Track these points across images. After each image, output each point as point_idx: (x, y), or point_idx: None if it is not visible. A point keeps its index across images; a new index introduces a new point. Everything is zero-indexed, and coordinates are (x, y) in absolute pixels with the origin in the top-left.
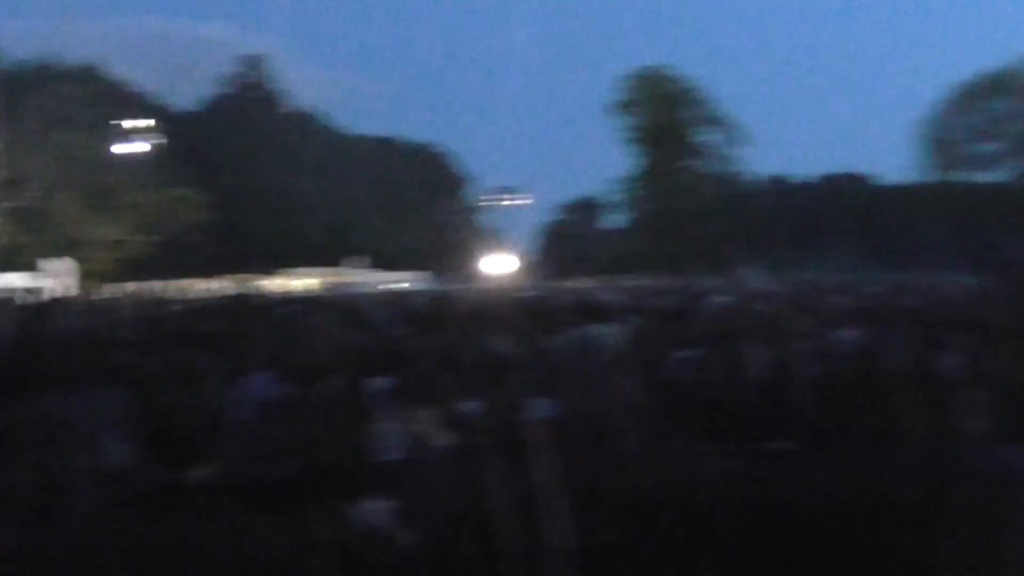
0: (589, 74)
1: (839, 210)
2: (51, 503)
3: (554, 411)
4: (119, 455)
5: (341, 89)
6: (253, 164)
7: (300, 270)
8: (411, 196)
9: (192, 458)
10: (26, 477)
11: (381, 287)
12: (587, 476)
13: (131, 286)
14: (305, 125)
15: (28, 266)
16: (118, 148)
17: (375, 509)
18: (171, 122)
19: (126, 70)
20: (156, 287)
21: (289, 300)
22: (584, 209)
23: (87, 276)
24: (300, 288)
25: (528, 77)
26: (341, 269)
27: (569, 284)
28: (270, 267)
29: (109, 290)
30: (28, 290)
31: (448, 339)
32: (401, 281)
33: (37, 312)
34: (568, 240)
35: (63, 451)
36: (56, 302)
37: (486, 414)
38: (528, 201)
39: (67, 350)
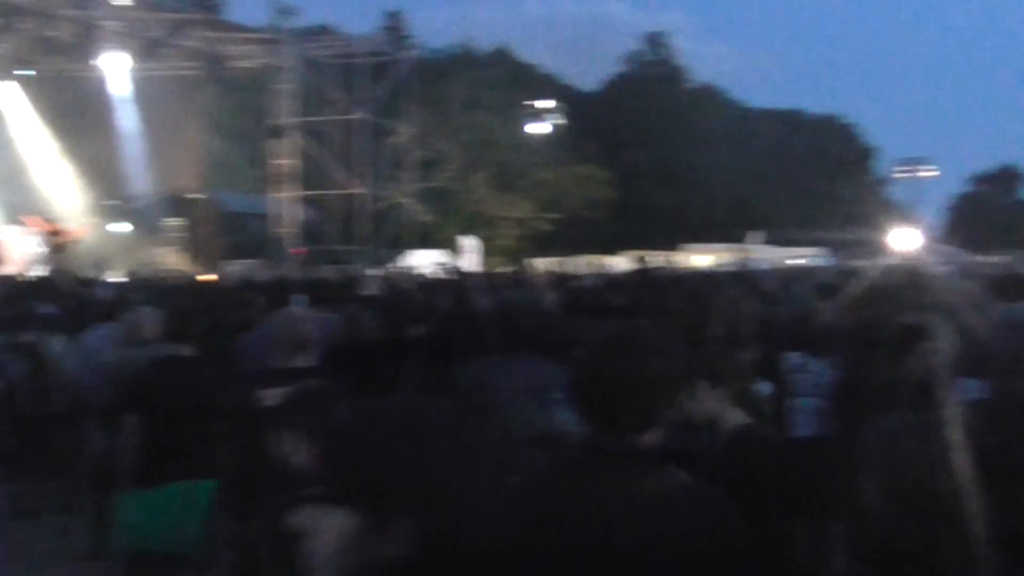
0: (1004, 36)
1: None
2: (502, 461)
3: (982, 392)
4: (558, 420)
5: (743, 63)
6: (655, 140)
7: (701, 245)
8: (815, 169)
9: (634, 424)
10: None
11: (786, 262)
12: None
13: (536, 262)
14: (708, 100)
15: (441, 243)
16: (527, 128)
17: None
18: (576, 101)
19: (534, 52)
20: (560, 263)
21: (696, 274)
22: (1000, 179)
23: (494, 253)
24: (702, 263)
25: (938, 42)
26: (742, 245)
27: (984, 259)
28: (671, 243)
29: (518, 266)
30: (444, 265)
31: (862, 314)
32: (804, 256)
33: (463, 285)
34: (982, 212)
35: (505, 415)
36: (478, 275)
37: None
38: (935, 172)
39: (494, 320)
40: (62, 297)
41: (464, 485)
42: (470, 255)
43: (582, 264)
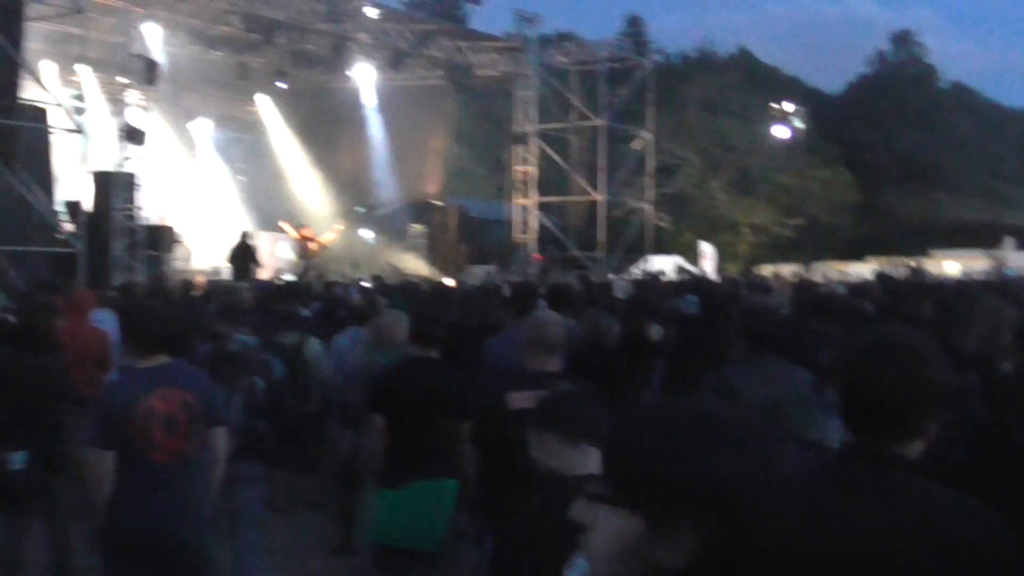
0: None
1: None
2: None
3: None
4: (813, 425)
5: (998, 61)
6: (902, 143)
7: (952, 251)
8: None
9: (901, 433)
10: None
11: None
12: None
13: (774, 268)
14: (959, 100)
15: (678, 249)
16: (769, 132)
17: None
18: (820, 104)
19: (777, 54)
20: (800, 269)
21: (948, 281)
22: None
23: (731, 259)
24: (952, 270)
25: None
26: (995, 251)
27: None
28: (919, 249)
29: (753, 271)
30: (683, 271)
31: None
32: None
33: (705, 290)
34: None
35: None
36: (719, 281)
37: None
38: None
39: (739, 325)
40: (315, 300)
41: (753, 493)
42: (707, 261)
43: (824, 270)
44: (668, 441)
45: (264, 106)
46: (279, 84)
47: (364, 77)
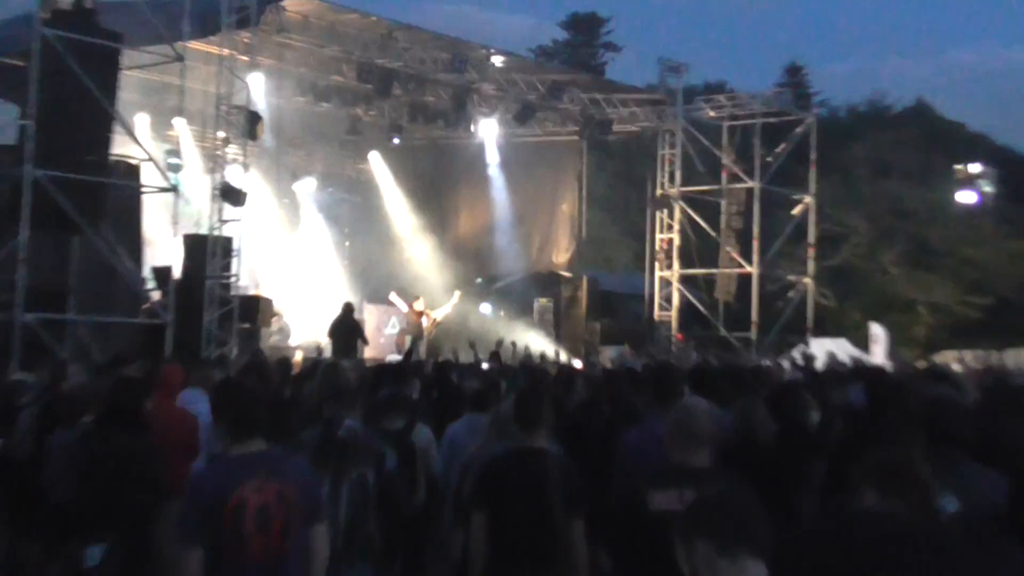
0: None
1: None
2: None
3: None
4: None
5: None
6: None
7: None
8: None
9: None
10: None
11: None
12: None
13: (958, 354)
14: None
15: (844, 330)
16: (952, 197)
17: None
18: (1013, 164)
19: (962, 108)
20: (989, 356)
21: None
22: None
23: (906, 343)
24: None
25: None
26: None
27: None
28: None
29: (934, 358)
30: (849, 356)
31: None
32: None
33: (874, 379)
34: None
35: None
36: (890, 369)
37: None
38: None
39: (914, 422)
40: (425, 382)
41: None
42: (879, 345)
43: (1017, 357)
44: (855, 559)
45: (376, 164)
46: (394, 140)
47: (487, 132)
